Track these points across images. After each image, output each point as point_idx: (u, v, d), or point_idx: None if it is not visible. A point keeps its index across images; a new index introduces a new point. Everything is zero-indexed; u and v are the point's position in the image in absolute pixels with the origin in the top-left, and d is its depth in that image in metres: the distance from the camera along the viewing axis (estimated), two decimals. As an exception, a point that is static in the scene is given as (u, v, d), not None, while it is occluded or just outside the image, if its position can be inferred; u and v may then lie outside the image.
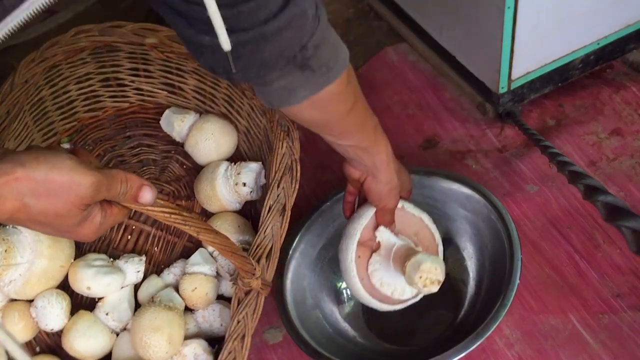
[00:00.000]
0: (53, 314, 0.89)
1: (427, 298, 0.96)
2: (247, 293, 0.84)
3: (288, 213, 0.89)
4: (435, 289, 0.87)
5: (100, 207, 0.65)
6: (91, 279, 0.91)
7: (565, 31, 1.19)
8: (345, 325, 1.06)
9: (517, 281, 0.93)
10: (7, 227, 0.89)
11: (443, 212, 1.08)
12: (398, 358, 1.04)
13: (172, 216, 0.67)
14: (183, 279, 0.94)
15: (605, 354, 0.98)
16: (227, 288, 0.98)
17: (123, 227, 1.04)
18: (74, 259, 0.95)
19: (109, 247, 1.04)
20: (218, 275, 0.98)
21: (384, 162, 0.92)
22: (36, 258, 0.88)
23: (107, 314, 0.92)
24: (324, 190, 1.21)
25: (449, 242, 1.08)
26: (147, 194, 0.66)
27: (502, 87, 1.22)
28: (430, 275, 0.86)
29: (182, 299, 0.95)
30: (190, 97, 1.13)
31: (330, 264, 1.09)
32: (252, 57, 0.65)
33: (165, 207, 0.67)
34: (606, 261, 1.08)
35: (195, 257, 0.97)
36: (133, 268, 0.96)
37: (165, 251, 1.04)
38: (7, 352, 0.62)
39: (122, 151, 1.16)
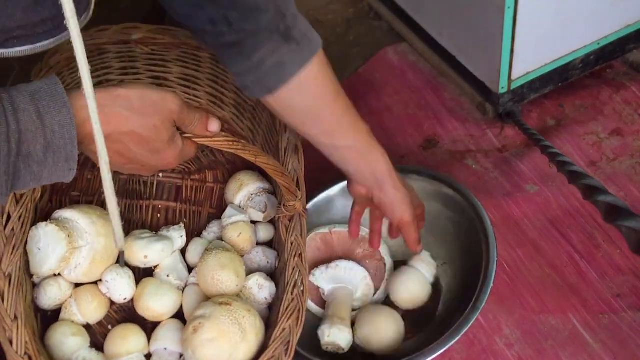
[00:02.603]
0: (123, 284, 0.95)
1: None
2: (290, 219, 0.95)
3: (301, 151, 1.00)
4: (342, 351, 0.96)
5: (180, 135, 0.74)
6: (146, 248, 0.97)
7: (565, 31, 1.20)
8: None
9: (491, 285, 0.93)
10: (61, 218, 0.93)
11: (426, 212, 1.08)
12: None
13: (234, 144, 0.77)
14: (226, 229, 1.02)
15: (605, 354, 0.98)
16: (260, 235, 1.05)
17: (151, 208, 1.11)
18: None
19: (144, 227, 1.08)
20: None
21: (385, 172, 0.93)
22: (95, 238, 0.93)
23: (168, 276, 0.98)
24: (321, 191, 1.21)
25: (430, 242, 1.08)
26: (215, 123, 0.75)
27: (502, 87, 1.22)
28: (331, 346, 0.96)
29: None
30: (175, 84, 1.15)
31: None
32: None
33: (228, 136, 0.76)
34: (606, 261, 1.08)
35: (229, 210, 1.05)
36: (176, 234, 1.02)
37: (194, 221, 1.11)
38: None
39: None
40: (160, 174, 1.14)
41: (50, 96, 0.63)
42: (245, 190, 1.06)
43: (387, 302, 1.06)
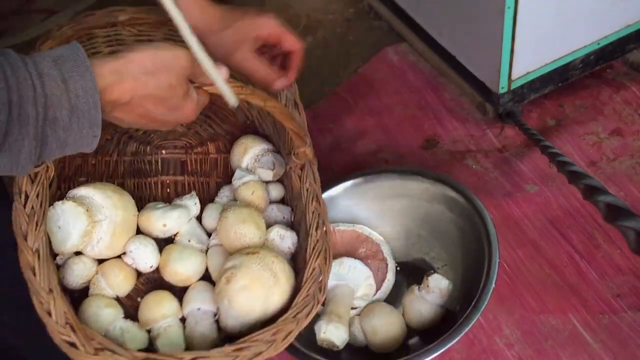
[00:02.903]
0: (147, 252, 0.96)
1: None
2: (302, 168, 0.98)
3: (301, 106, 1.01)
4: (336, 349, 0.96)
5: (193, 87, 0.76)
6: (163, 216, 0.98)
7: (565, 31, 1.20)
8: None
9: (493, 285, 0.93)
10: (77, 196, 0.94)
11: (428, 213, 1.09)
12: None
13: (243, 89, 0.78)
14: (239, 190, 1.03)
15: (605, 354, 0.98)
16: (271, 194, 1.07)
17: (160, 183, 1.11)
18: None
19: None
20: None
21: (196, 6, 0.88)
22: (112, 211, 0.94)
23: (189, 240, 1.00)
24: (323, 192, 1.21)
25: (432, 244, 1.09)
26: (224, 70, 0.76)
27: (502, 87, 1.22)
28: (325, 343, 0.96)
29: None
30: None
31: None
32: None
33: (236, 82, 0.78)
34: (606, 261, 1.08)
35: (239, 172, 1.05)
36: (190, 202, 1.04)
37: (203, 191, 1.12)
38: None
39: (130, 130, 1.18)
40: (164, 151, 1.14)
41: (72, 61, 0.64)
42: (250, 153, 1.08)
43: (388, 300, 1.06)
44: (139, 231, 1.00)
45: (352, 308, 1.03)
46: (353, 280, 1.03)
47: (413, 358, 0.90)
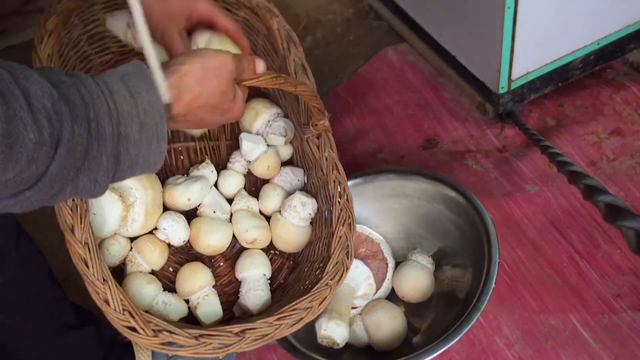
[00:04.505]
0: (180, 227, 1.00)
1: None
2: (318, 137, 1.02)
3: (309, 69, 1.04)
4: (337, 346, 0.96)
5: (236, 86, 0.78)
6: (186, 191, 1.02)
7: (565, 31, 1.20)
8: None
9: (492, 286, 0.93)
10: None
11: (428, 213, 1.09)
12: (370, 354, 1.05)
13: (278, 79, 0.82)
14: (254, 166, 1.08)
15: (605, 354, 0.98)
16: (281, 156, 1.11)
17: (173, 151, 1.12)
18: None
19: (172, 173, 1.10)
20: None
21: None
22: (143, 192, 0.97)
23: (214, 212, 1.05)
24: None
25: (432, 244, 1.09)
26: (261, 64, 0.80)
27: (502, 87, 1.22)
28: (326, 340, 0.97)
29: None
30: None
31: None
32: None
33: (272, 74, 0.82)
34: (606, 261, 1.08)
35: (246, 143, 1.07)
36: (207, 170, 1.07)
37: (215, 155, 1.14)
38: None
39: None
40: None
41: (138, 77, 0.66)
42: (262, 118, 1.09)
43: (389, 297, 1.06)
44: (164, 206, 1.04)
45: (353, 307, 1.03)
46: (353, 280, 1.03)
47: (413, 358, 0.90)
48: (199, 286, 0.98)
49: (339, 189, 0.98)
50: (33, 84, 0.57)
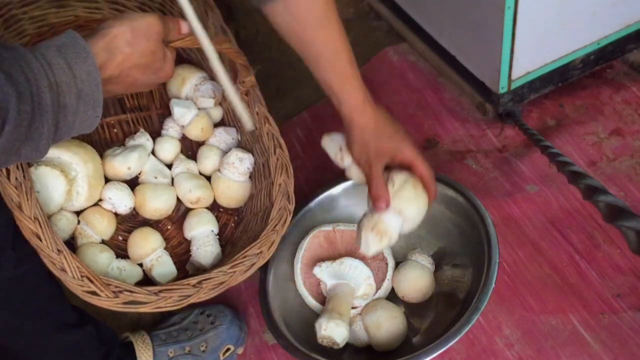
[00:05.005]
0: (125, 195, 1.04)
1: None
2: (247, 94, 1.06)
3: (229, 31, 1.08)
4: (337, 346, 0.96)
5: (165, 47, 0.81)
6: (125, 160, 1.05)
7: (565, 31, 1.19)
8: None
9: (492, 286, 0.93)
10: (45, 159, 0.97)
11: (429, 213, 1.08)
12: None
13: (201, 39, 0.83)
14: (189, 129, 1.12)
15: (605, 354, 0.98)
16: (213, 118, 1.15)
17: (106, 125, 1.14)
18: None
19: (108, 146, 1.12)
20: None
21: (361, 110, 0.94)
22: (83, 166, 1.00)
23: (155, 178, 1.08)
24: (323, 192, 1.21)
25: (432, 244, 1.09)
26: (184, 25, 0.83)
27: (502, 87, 1.22)
28: (326, 340, 0.96)
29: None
30: (131, 5, 1.17)
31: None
32: None
33: (192, 36, 0.83)
34: (606, 261, 1.08)
35: (177, 109, 1.11)
36: (143, 139, 1.10)
37: (148, 125, 1.16)
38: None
39: None
40: None
41: (74, 48, 0.69)
42: (189, 83, 1.13)
43: (389, 298, 1.06)
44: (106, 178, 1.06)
45: (353, 307, 1.03)
46: (353, 280, 1.03)
47: (413, 358, 0.90)
48: (150, 248, 1.01)
49: (273, 142, 1.03)
50: None
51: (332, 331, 0.95)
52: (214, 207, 1.11)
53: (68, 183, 0.98)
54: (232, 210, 1.12)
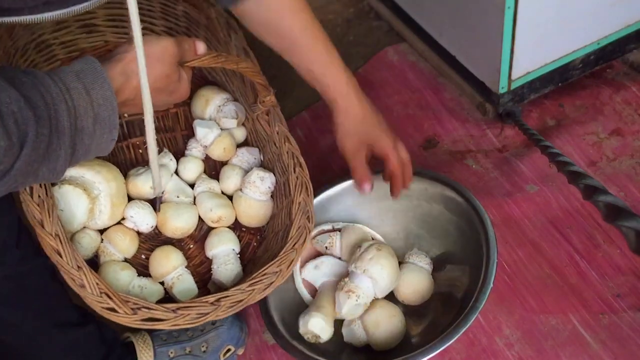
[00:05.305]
0: (147, 214, 1.04)
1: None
2: (267, 113, 1.08)
3: (251, 52, 1.10)
4: (321, 340, 0.98)
5: (180, 68, 0.83)
6: (148, 179, 1.05)
7: (565, 31, 1.20)
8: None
9: (490, 286, 0.93)
10: (67, 177, 0.98)
11: (427, 213, 1.09)
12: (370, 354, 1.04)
13: (218, 57, 0.88)
14: (212, 149, 1.13)
15: (605, 354, 0.98)
16: (236, 138, 1.16)
17: (131, 146, 1.15)
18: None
19: (133, 166, 1.13)
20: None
21: (345, 94, 0.97)
22: (106, 184, 1.01)
23: (177, 197, 1.08)
24: (323, 192, 1.21)
25: (432, 244, 1.09)
26: (201, 46, 0.85)
27: (502, 87, 1.22)
28: (309, 335, 0.97)
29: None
30: (104, 27, 1.17)
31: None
32: None
33: (212, 53, 0.87)
34: (606, 261, 1.08)
35: (200, 130, 1.12)
36: (166, 159, 1.11)
37: (172, 145, 1.18)
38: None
39: None
40: (126, 115, 1.17)
41: (92, 73, 0.72)
42: (212, 104, 1.14)
43: (387, 297, 1.06)
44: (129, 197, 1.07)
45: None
46: (338, 275, 1.03)
47: (412, 357, 0.90)
48: (172, 266, 1.01)
49: (293, 160, 1.03)
50: (1, 90, 0.63)
51: (309, 324, 0.96)
52: (237, 227, 1.11)
53: (91, 201, 0.98)
54: (254, 229, 1.11)
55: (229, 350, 1.06)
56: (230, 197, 1.12)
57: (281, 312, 1.02)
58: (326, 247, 1.07)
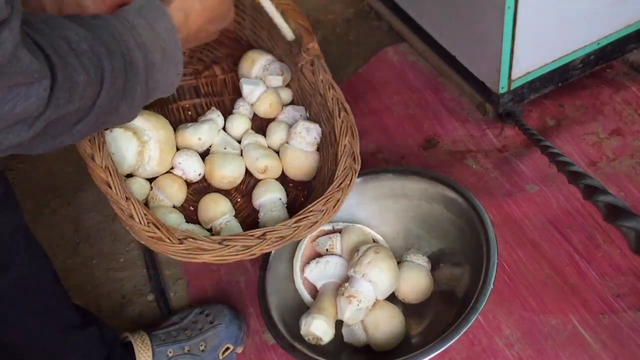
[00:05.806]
0: (195, 161, 1.07)
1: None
2: (312, 64, 1.09)
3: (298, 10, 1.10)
4: (322, 342, 0.97)
5: None
6: (196, 132, 1.08)
7: (565, 31, 1.19)
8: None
9: (491, 286, 0.93)
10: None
11: (427, 213, 1.09)
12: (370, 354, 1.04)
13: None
14: (257, 105, 1.15)
15: (605, 354, 0.98)
16: (283, 99, 1.17)
17: (180, 108, 1.18)
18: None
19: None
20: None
21: None
22: (155, 132, 1.03)
23: (225, 148, 1.10)
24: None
25: (432, 244, 1.09)
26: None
27: (502, 87, 1.22)
28: (310, 337, 0.97)
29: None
30: None
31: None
32: None
33: None
34: (606, 261, 1.08)
35: (246, 87, 1.15)
36: (215, 115, 1.13)
37: (220, 108, 1.18)
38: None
39: None
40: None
41: (152, 8, 0.74)
42: (258, 64, 1.17)
43: (387, 297, 1.06)
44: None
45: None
46: (340, 277, 1.03)
47: (412, 357, 0.90)
48: (220, 212, 1.03)
49: (337, 106, 1.04)
50: (69, 30, 0.64)
51: (312, 326, 0.96)
52: (284, 182, 1.11)
53: (140, 145, 1.01)
54: (301, 184, 1.12)
55: (227, 348, 1.06)
56: (277, 152, 1.13)
57: (281, 312, 1.02)
58: (327, 250, 1.06)
